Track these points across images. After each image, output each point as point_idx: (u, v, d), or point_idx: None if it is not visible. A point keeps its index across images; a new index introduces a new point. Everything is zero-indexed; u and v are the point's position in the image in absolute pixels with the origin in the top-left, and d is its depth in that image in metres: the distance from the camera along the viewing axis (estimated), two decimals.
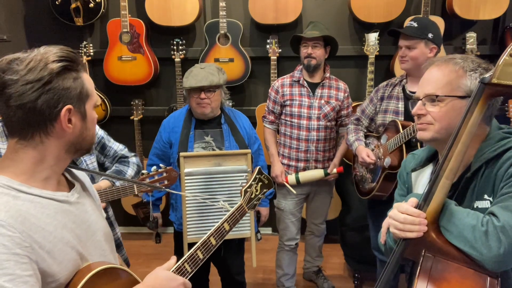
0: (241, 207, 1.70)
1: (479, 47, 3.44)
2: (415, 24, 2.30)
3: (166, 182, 1.98)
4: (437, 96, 1.23)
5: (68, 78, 0.98)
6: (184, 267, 1.26)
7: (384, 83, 2.55)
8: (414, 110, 1.30)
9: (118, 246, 2.09)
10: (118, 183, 2.00)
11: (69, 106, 0.97)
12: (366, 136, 2.61)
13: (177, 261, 1.25)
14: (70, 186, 1.11)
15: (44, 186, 1.00)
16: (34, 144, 0.97)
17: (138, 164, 2.14)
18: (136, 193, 1.91)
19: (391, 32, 2.47)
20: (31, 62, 0.94)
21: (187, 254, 1.30)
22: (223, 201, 1.85)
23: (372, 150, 2.48)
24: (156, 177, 1.97)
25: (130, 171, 2.07)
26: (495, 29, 3.59)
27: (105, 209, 1.99)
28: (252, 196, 1.81)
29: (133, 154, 2.16)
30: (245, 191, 1.78)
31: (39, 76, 0.93)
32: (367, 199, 2.54)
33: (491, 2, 3.26)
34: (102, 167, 2.08)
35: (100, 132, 2.06)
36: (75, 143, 1.03)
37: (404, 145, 2.23)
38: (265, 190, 1.91)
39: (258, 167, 1.90)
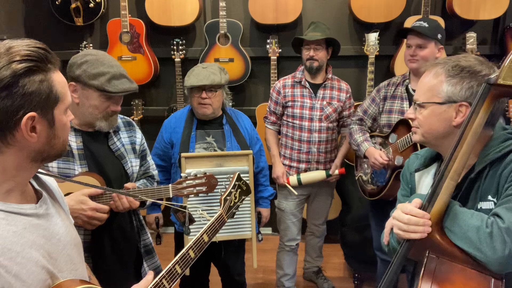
0: (221, 216, 1.58)
1: (479, 47, 3.44)
2: (426, 24, 2.29)
3: (204, 189, 1.86)
4: (420, 102, 1.28)
5: (33, 81, 0.85)
6: (162, 283, 1.18)
7: (385, 82, 2.53)
8: (405, 114, 1.37)
9: (149, 253, 1.99)
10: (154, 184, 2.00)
11: (31, 113, 0.85)
12: (370, 137, 2.58)
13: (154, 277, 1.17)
14: (38, 195, 0.99)
15: (6, 200, 0.89)
16: None
17: None
18: (171, 196, 1.82)
19: (401, 31, 2.43)
20: None
21: (164, 270, 1.23)
22: (202, 210, 1.72)
23: (380, 150, 2.45)
24: (195, 182, 1.85)
25: None
26: (495, 29, 3.59)
27: (135, 213, 1.92)
28: (231, 204, 1.69)
29: (158, 179, 2.11)
30: (225, 199, 1.66)
31: None
32: (376, 199, 2.50)
33: (491, 2, 3.27)
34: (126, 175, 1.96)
35: (145, 144, 2.00)
36: (42, 151, 0.91)
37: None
38: (243, 197, 1.77)
39: (237, 173, 1.76)
